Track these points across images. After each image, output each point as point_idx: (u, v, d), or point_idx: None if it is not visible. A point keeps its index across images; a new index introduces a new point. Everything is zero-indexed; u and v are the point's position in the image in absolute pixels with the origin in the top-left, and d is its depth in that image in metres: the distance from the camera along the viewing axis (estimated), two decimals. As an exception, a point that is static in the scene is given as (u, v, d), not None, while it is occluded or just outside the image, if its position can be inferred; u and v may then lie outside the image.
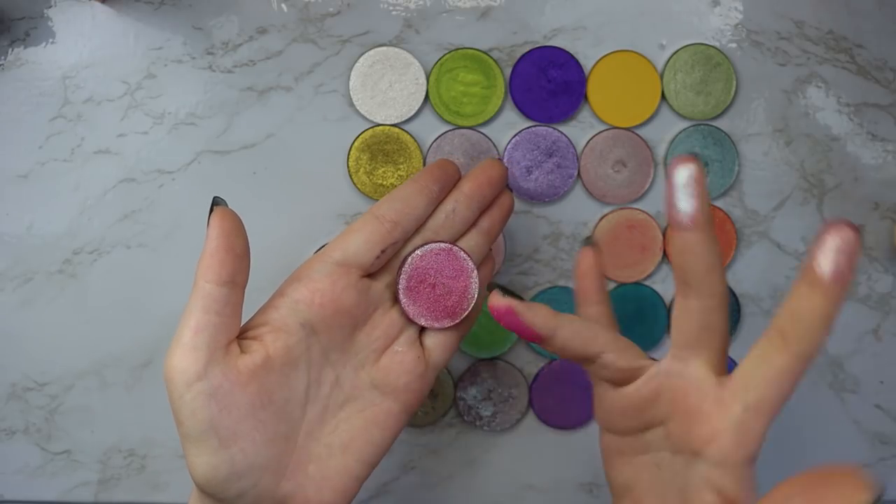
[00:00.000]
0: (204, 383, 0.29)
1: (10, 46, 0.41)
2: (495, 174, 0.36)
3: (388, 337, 0.34)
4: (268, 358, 0.30)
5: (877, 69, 0.42)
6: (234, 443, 0.29)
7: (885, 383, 0.43)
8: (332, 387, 0.33)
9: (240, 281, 0.31)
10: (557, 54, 0.41)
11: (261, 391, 0.30)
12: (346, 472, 0.32)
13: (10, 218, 0.42)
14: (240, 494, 0.30)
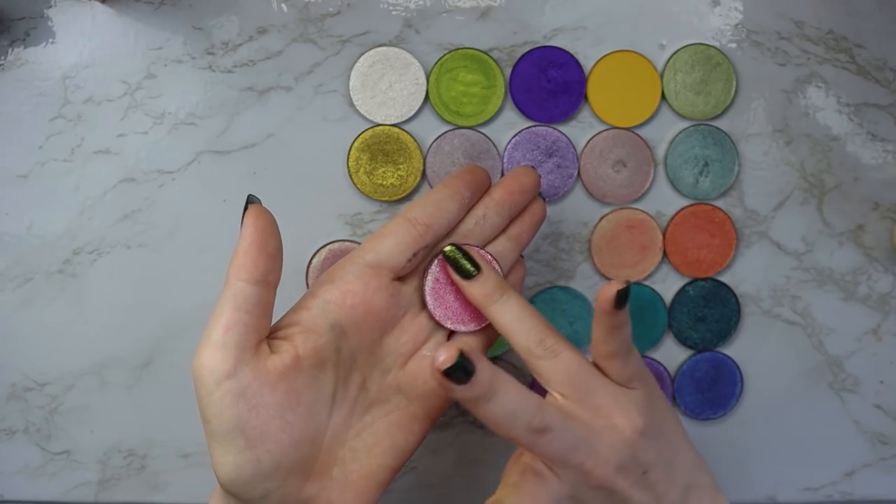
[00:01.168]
0: (233, 382, 0.29)
1: (10, 46, 0.41)
2: (528, 182, 0.36)
3: (417, 341, 0.34)
4: (297, 358, 0.30)
5: (877, 69, 0.42)
6: (260, 443, 0.29)
7: (885, 383, 0.43)
8: (359, 389, 0.33)
9: (272, 280, 0.30)
10: (557, 54, 0.41)
11: (289, 392, 0.30)
12: (370, 476, 0.32)
13: (10, 218, 0.42)
14: (264, 495, 0.30)
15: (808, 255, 0.43)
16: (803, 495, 0.44)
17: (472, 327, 0.34)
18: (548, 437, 0.29)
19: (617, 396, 0.31)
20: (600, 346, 0.32)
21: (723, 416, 0.44)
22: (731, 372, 0.43)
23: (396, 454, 0.33)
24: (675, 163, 0.42)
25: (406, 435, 0.33)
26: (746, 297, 0.43)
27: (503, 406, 0.28)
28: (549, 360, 0.31)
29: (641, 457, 0.31)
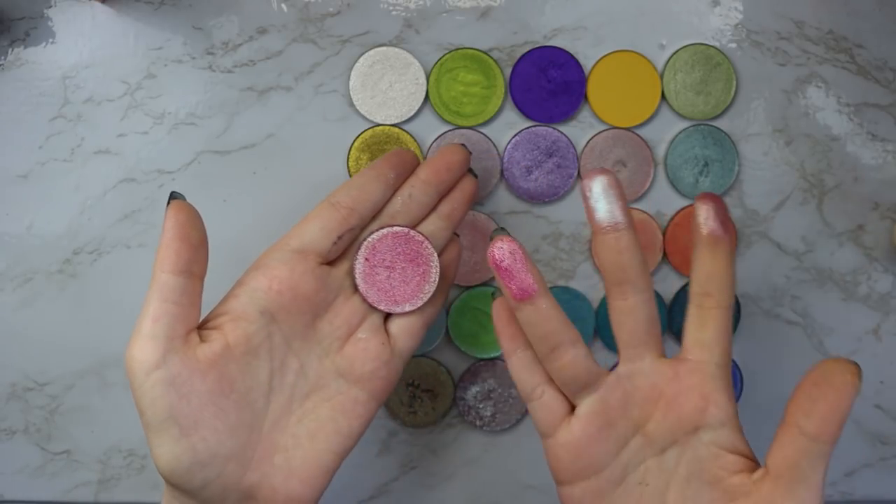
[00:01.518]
0: (162, 371, 0.29)
1: (10, 46, 0.41)
2: (454, 159, 0.36)
3: (351, 324, 0.34)
4: (227, 346, 0.31)
5: (877, 69, 0.42)
6: (194, 431, 0.29)
7: (885, 383, 0.43)
8: (297, 376, 0.33)
9: (196, 271, 0.31)
10: (557, 54, 0.41)
11: (221, 379, 0.30)
12: (315, 462, 0.32)
13: (10, 218, 0.42)
14: (204, 485, 0.30)
15: (808, 255, 0.43)
16: (803, 495, 0.44)
17: (407, 308, 0.34)
18: None
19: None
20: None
21: (723, 416, 0.44)
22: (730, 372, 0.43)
23: (341, 439, 0.33)
24: (675, 163, 0.42)
25: (349, 419, 0.33)
26: (746, 297, 0.43)
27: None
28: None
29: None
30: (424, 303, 0.35)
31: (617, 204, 0.31)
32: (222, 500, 0.31)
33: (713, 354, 0.32)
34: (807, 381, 0.30)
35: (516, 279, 0.30)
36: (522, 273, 0.30)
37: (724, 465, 0.31)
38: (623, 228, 0.31)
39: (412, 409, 0.43)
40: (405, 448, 0.43)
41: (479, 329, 0.42)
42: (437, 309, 0.36)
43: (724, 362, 0.32)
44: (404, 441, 0.43)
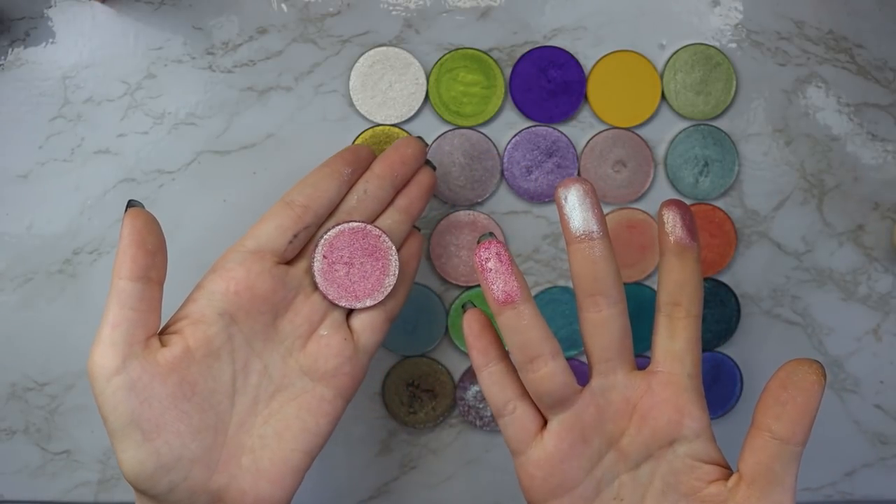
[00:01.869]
0: (123, 377, 0.29)
1: (10, 46, 0.41)
2: (409, 152, 0.36)
3: (312, 322, 0.34)
4: (187, 349, 0.31)
5: (877, 69, 0.42)
6: (157, 435, 0.29)
7: (885, 383, 0.43)
8: (261, 376, 0.33)
9: (154, 276, 0.31)
10: (557, 54, 0.41)
11: (182, 383, 0.30)
12: (283, 462, 0.32)
13: (10, 218, 0.42)
14: (170, 489, 0.30)
15: (808, 255, 0.43)
16: (803, 495, 0.44)
17: (368, 303, 0.34)
18: None
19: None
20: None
21: (723, 416, 0.44)
22: (730, 372, 0.43)
23: (309, 437, 0.33)
24: (675, 163, 0.42)
25: (316, 418, 0.33)
26: (746, 297, 0.43)
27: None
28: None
29: None
30: (386, 296, 0.35)
31: (592, 213, 0.31)
32: (191, 503, 0.31)
33: (685, 365, 0.32)
34: (773, 384, 0.30)
35: (500, 282, 0.30)
36: (507, 276, 0.30)
37: (700, 475, 0.31)
38: (598, 238, 0.31)
39: (412, 409, 0.43)
40: (405, 448, 0.43)
41: (479, 329, 0.42)
42: (399, 302, 0.36)
43: (695, 372, 0.32)
44: (404, 441, 0.43)
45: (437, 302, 0.42)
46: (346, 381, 0.34)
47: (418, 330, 0.42)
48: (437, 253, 0.42)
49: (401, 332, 0.42)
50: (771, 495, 0.29)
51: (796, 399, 0.29)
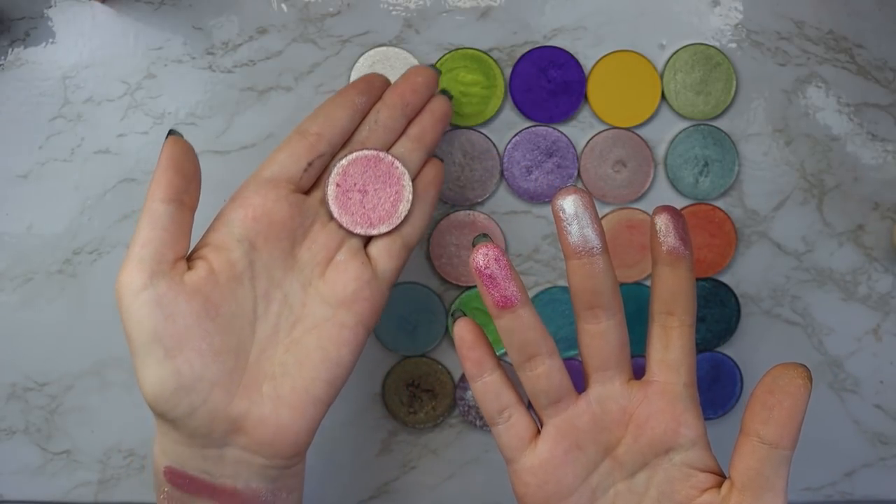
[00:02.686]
0: (149, 292, 0.29)
1: (10, 46, 0.41)
2: (420, 80, 0.36)
3: (329, 250, 0.34)
4: (211, 272, 0.31)
5: (877, 69, 0.42)
6: (179, 353, 0.30)
7: (885, 383, 0.43)
8: (281, 306, 0.33)
9: (187, 201, 0.31)
10: (557, 54, 0.41)
11: (206, 304, 0.30)
12: (304, 390, 0.32)
13: (10, 218, 0.42)
14: (190, 411, 0.30)
15: (808, 255, 0.43)
16: (803, 495, 0.44)
17: (383, 229, 0.34)
18: None
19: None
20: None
21: (723, 416, 0.44)
22: (730, 372, 0.43)
23: (330, 367, 0.32)
24: (675, 163, 0.42)
25: (338, 346, 0.33)
26: (746, 297, 0.43)
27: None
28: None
29: None
30: (401, 222, 0.35)
31: (591, 227, 0.30)
32: (210, 430, 0.30)
33: (680, 374, 0.32)
34: (760, 389, 0.30)
35: (500, 287, 0.30)
36: (506, 281, 0.30)
37: (695, 483, 0.31)
38: (598, 253, 0.30)
39: (412, 409, 0.43)
40: (405, 448, 0.43)
41: (479, 329, 0.42)
42: (417, 229, 0.36)
43: (690, 381, 0.32)
44: (404, 441, 0.43)
45: (437, 302, 0.42)
46: (366, 307, 0.33)
47: (418, 330, 0.42)
48: (437, 253, 0.42)
49: (401, 332, 0.42)
50: (762, 500, 0.29)
51: (783, 403, 0.29)
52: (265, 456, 0.31)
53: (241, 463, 0.31)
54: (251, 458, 0.31)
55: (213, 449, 0.31)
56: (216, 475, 0.31)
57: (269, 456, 0.31)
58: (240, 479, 0.32)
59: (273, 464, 0.32)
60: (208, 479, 0.31)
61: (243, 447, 0.31)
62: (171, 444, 0.31)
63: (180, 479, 0.31)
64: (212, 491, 0.31)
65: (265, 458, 0.32)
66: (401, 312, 0.42)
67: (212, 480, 0.31)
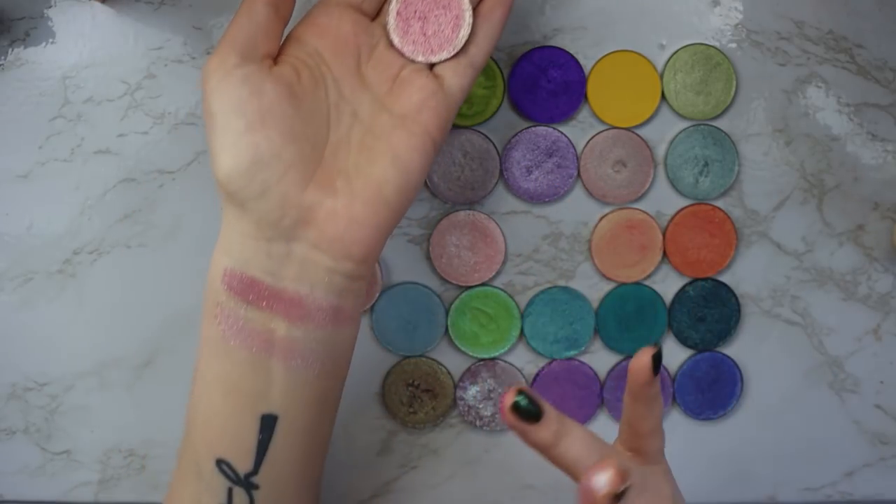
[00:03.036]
0: (238, 70, 0.30)
1: (10, 46, 0.41)
2: None
3: (394, 68, 0.34)
4: (295, 69, 0.32)
5: (877, 69, 0.42)
6: (260, 128, 0.30)
7: (885, 383, 0.43)
8: (351, 119, 0.33)
9: (282, 11, 0.32)
10: (557, 54, 0.41)
11: (290, 92, 0.31)
12: (377, 188, 0.32)
13: (10, 218, 0.42)
14: (263, 190, 0.30)
15: (808, 255, 0.43)
16: (803, 495, 0.44)
17: (444, 56, 0.35)
18: None
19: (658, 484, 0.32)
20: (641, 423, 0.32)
21: (723, 416, 0.44)
22: (731, 372, 0.43)
23: (400, 170, 0.32)
24: (675, 163, 0.42)
25: (408, 150, 0.33)
26: (746, 297, 0.43)
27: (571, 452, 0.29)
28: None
29: None
30: (464, 46, 0.35)
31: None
32: (280, 216, 0.31)
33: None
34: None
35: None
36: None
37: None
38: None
39: (412, 409, 0.43)
40: (405, 448, 0.43)
41: (479, 329, 0.42)
42: (482, 51, 0.35)
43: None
44: (404, 441, 0.43)
45: (437, 302, 0.42)
46: (432, 118, 0.33)
47: (418, 330, 0.42)
48: (437, 253, 0.42)
49: (401, 332, 0.42)
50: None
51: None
52: (334, 256, 0.31)
53: (307, 263, 0.31)
54: (319, 258, 0.31)
55: (281, 243, 0.31)
56: (280, 277, 0.31)
57: (338, 256, 0.32)
58: (304, 284, 0.31)
59: (341, 268, 0.32)
60: (271, 282, 0.31)
61: (312, 243, 0.31)
62: (236, 237, 0.31)
63: (240, 282, 0.31)
64: (273, 296, 0.31)
65: (333, 259, 0.32)
66: (401, 312, 0.42)
67: (274, 284, 0.31)
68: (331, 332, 0.32)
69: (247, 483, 0.32)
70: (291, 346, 0.32)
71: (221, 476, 0.32)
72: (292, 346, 0.32)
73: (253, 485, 0.32)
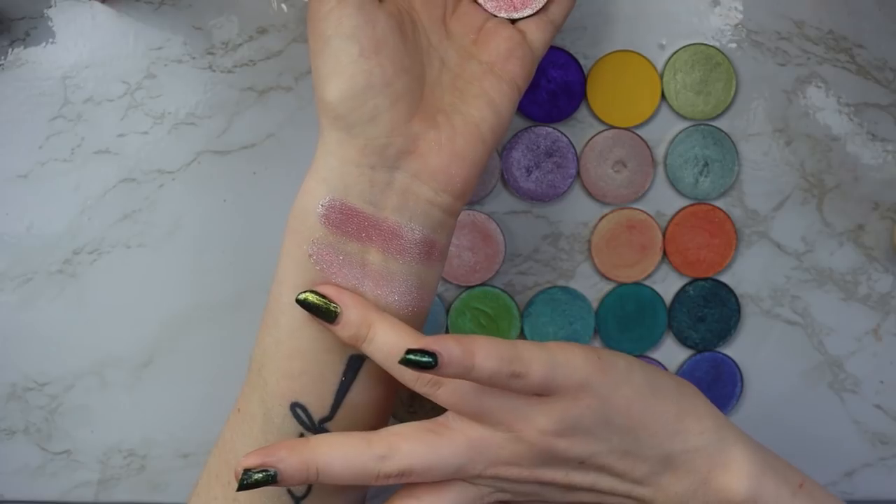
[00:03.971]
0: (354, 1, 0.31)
1: (10, 46, 0.41)
2: None
3: (478, 20, 0.35)
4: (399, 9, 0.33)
5: (877, 69, 0.42)
6: (374, 55, 0.31)
7: (885, 383, 0.43)
8: (441, 65, 0.34)
9: None
10: (557, 54, 0.41)
11: (399, 28, 0.32)
12: (475, 125, 0.33)
13: (10, 218, 0.42)
14: (374, 115, 0.31)
15: (808, 255, 0.43)
16: (803, 495, 0.44)
17: (527, 13, 0.35)
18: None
19: (516, 407, 0.30)
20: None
21: (723, 416, 0.44)
22: (731, 372, 0.43)
23: (493, 112, 0.33)
24: (675, 163, 0.42)
25: (498, 94, 0.33)
26: (746, 297, 0.43)
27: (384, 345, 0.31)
28: (435, 393, 0.30)
29: (562, 453, 0.30)
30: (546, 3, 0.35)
31: None
32: (387, 143, 0.31)
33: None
34: None
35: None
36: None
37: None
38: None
39: (412, 409, 0.43)
40: (405, 448, 0.43)
41: (479, 329, 0.42)
42: (563, 9, 0.36)
43: None
44: (404, 441, 0.43)
45: (436, 302, 0.42)
46: (518, 68, 0.34)
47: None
48: (437, 253, 0.42)
49: (401, 332, 0.42)
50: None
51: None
52: (435, 188, 0.32)
53: (408, 193, 0.32)
54: (420, 189, 0.32)
55: (384, 171, 0.31)
56: (381, 206, 0.32)
57: (439, 188, 0.32)
58: (403, 215, 0.32)
59: (440, 201, 0.32)
60: (371, 211, 0.31)
61: (414, 173, 0.32)
62: (336, 164, 0.31)
63: (340, 213, 0.31)
64: (372, 227, 0.32)
65: (434, 191, 0.32)
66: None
67: (375, 213, 0.32)
68: (423, 269, 0.33)
69: (319, 429, 0.32)
70: (388, 279, 0.32)
71: (294, 421, 0.32)
72: (389, 279, 0.32)
73: (325, 430, 0.32)
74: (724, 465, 0.31)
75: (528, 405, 0.30)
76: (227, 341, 0.42)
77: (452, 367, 0.28)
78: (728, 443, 0.31)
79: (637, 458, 0.31)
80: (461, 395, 0.30)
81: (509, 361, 0.29)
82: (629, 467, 0.31)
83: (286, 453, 0.29)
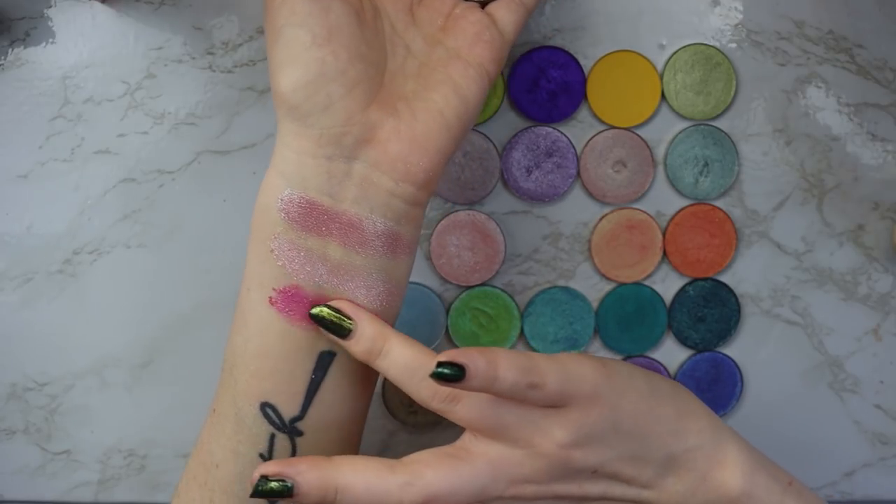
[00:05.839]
0: None
1: (10, 46, 0.41)
2: None
3: (447, 5, 0.35)
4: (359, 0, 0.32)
5: (877, 69, 0.42)
6: (326, 43, 0.30)
7: (885, 383, 0.43)
8: (406, 53, 0.33)
9: None
10: (557, 54, 0.41)
11: (357, 14, 0.31)
12: (438, 112, 0.32)
13: (10, 218, 0.42)
14: (328, 104, 0.30)
15: (808, 255, 0.43)
16: (803, 495, 0.44)
17: None
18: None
19: (533, 420, 0.30)
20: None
21: (723, 417, 0.44)
22: (731, 372, 0.43)
23: (458, 98, 0.32)
24: (675, 163, 0.42)
25: (464, 79, 0.33)
26: (746, 297, 0.43)
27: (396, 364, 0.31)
28: (453, 409, 0.30)
29: (578, 464, 0.30)
30: None
31: None
32: (343, 133, 0.30)
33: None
34: None
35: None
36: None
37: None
38: None
39: (412, 409, 0.43)
40: (405, 448, 0.43)
41: (479, 329, 0.42)
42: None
43: None
44: (404, 441, 0.43)
45: (437, 302, 0.42)
46: (486, 51, 0.33)
47: (418, 330, 0.42)
48: (437, 253, 0.42)
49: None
50: None
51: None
52: (395, 177, 0.31)
53: (367, 184, 0.31)
54: (379, 180, 0.31)
55: (341, 162, 0.31)
56: (339, 198, 0.31)
57: (400, 178, 0.31)
58: (363, 206, 0.31)
59: (401, 191, 0.32)
60: (330, 203, 0.31)
61: (373, 163, 0.31)
62: (292, 156, 0.31)
63: (299, 207, 0.31)
64: (331, 220, 0.31)
65: (394, 181, 0.31)
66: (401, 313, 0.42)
67: (333, 206, 0.31)
68: (389, 262, 0.32)
69: (291, 429, 0.32)
70: (352, 274, 0.32)
71: (265, 421, 0.31)
72: (353, 273, 0.32)
73: (297, 431, 0.32)
74: (720, 462, 0.31)
75: (544, 417, 0.30)
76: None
77: (478, 378, 0.28)
78: (723, 440, 0.32)
79: (643, 462, 0.31)
80: (479, 411, 0.30)
81: (528, 372, 0.29)
82: (637, 472, 0.31)
83: (306, 467, 0.29)
